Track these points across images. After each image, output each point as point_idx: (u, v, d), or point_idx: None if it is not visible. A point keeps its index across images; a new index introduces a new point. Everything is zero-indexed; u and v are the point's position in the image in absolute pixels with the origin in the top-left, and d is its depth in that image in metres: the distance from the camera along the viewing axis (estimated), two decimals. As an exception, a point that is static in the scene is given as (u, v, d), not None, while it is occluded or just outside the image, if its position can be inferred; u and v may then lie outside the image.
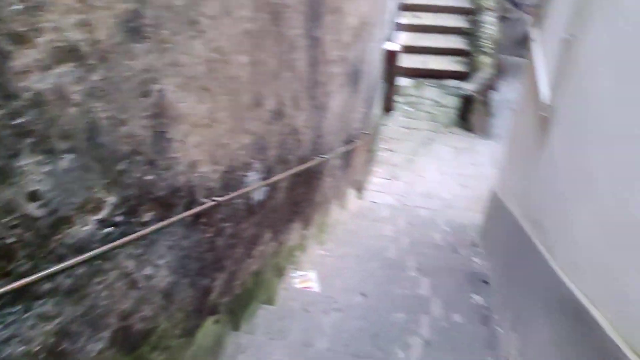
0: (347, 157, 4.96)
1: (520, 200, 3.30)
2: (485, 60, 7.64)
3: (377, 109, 6.91)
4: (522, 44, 12.50)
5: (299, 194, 3.24)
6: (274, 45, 2.22)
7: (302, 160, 3.11)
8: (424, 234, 4.70)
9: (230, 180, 2.02)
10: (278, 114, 2.45)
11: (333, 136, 4.02)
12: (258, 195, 2.40)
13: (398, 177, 6.53)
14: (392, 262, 3.67)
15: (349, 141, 4.86)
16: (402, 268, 3.55)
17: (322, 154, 3.66)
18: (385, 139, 7.24)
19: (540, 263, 2.40)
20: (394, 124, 7.58)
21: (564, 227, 2.20)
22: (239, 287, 2.37)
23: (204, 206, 1.72)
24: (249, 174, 2.22)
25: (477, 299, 3.13)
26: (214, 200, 1.78)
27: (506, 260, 3.31)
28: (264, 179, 2.41)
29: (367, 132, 5.81)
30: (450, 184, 6.42)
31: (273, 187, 2.58)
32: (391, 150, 7.02)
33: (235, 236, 2.21)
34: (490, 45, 7.77)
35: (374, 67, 6.00)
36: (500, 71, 8.88)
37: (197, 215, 1.73)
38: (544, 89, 2.85)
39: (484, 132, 7.57)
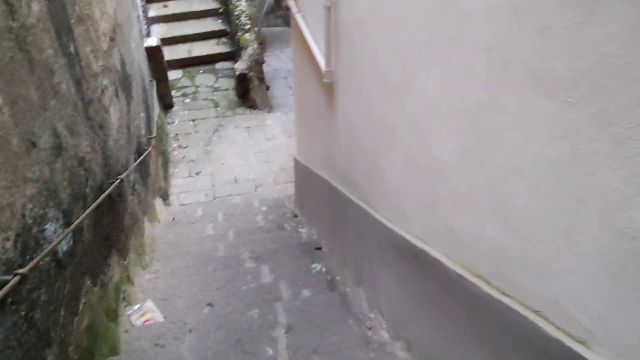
0: (143, 168, 4.64)
1: (327, 163, 3.50)
2: (247, 36, 7.78)
3: (156, 108, 6.57)
4: (272, 14, 13.08)
5: (107, 224, 2.92)
6: (29, 74, 1.90)
7: (99, 188, 2.80)
8: (246, 221, 4.71)
9: (27, 242, 1.71)
10: (58, 149, 2.14)
11: (123, 151, 3.71)
12: (63, 246, 2.09)
13: (200, 171, 6.38)
14: (226, 259, 3.60)
15: (140, 151, 4.55)
16: (238, 263, 3.52)
17: (117, 174, 3.35)
18: (174, 137, 6.96)
19: (365, 218, 2.58)
20: (179, 120, 7.31)
21: (379, 179, 2.39)
22: (75, 352, 2.07)
23: (7, 285, 1.42)
24: (46, 227, 1.91)
25: (317, 267, 3.27)
26: (17, 275, 1.49)
27: (330, 223, 3.51)
28: (65, 224, 2.11)
29: (154, 136, 5.50)
30: (253, 164, 6.52)
31: (77, 229, 2.28)
32: (184, 147, 6.79)
33: (53, 300, 1.90)
34: (247, 21, 7.93)
35: (141, 67, 5.65)
36: (262, 44, 9.18)
37: (3, 299, 1.43)
38: (321, 57, 3.01)
39: (266, 105, 7.79)
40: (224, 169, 6.43)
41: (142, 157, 4.42)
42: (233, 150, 6.77)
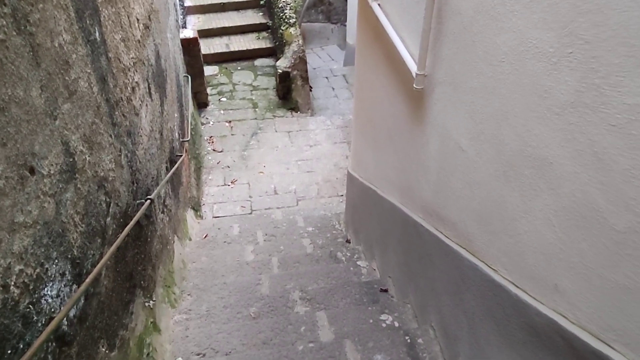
0: (175, 177, 4.10)
1: (401, 187, 2.87)
2: (291, 31, 7.21)
3: (190, 107, 6.05)
4: (314, 9, 12.51)
5: (131, 259, 2.36)
6: (30, 67, 1.34)
7: (124, 214, 2.23)
8: (290, 244, 4.12)
9: (10, 328, 1.14)
10: (70, 172, 1.57)
11: (154, 161, 3.16)
12: (70, 312, 1.52)
13: (236, 179, 5.82)
14: (272, 299, 3.01)
15: (172, 158, 4.00)
16: (286, 305, 2.92)
17: (146, 191, 2.80)
18: (209, 139, 6.43)
19: (469, 272, 1.95)
20: (214, 120, 6.78)
21: (503, 229, 1.76)
22: None
23: None
24: (45, 290, 1.33)
25: (388, 319, 2.65)
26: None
27: (403, 262, 2.88)
28: (75, 279, 1.54)
29: (187, 139, 4.96)
30: (294, 173, 5.93)
31: (93, 281, 1.71)
32: (219, 151, 6.25)
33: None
34: (292, 15, 7.36)
35: (176, 61, 5.12)
36: (304, 40, 8.61)
37: None
38: (408, 57, 2.39)
39: (308, 108, 7.21)
40: (263, 177, 5.86)
41: (176, 166, 3.88)
42: (272, 157, 6.20)
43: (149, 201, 2.54)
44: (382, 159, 3.29)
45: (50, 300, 1.36)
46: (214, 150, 6.26)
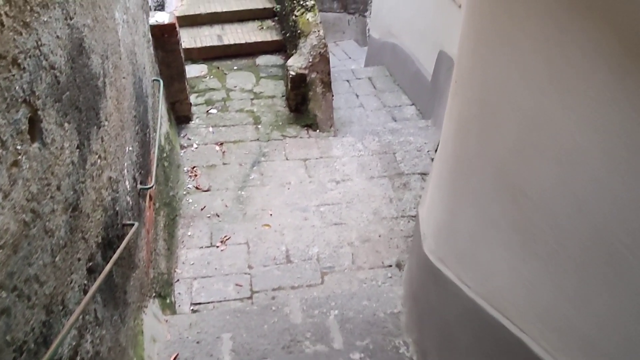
0: (120, 265, 2.38)
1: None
2: (308, 17, 5.46)
3: (164, 124, 4.31)
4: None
5: None
6: None
7: None
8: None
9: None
10: None
11: (49, 277, 1.42)
12: None
13: (228, 236, 4.07)
14: None
15: (111, 239, 2.27)
16: None
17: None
18: (190, 171, 4.66)
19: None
20: (199, 142, 5.02)
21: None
22: None
23: None
24: None
25: None
26: None
27: None
28: None
29: (151, 186, 3.23)
30: (316, 226, 4.18)
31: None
32: (205, 190, 4.48)
33: None
34: (309, -4, 5.61)
35: (137, 59, 3.37)
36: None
37: None
38: None
39: (331, 124, 5.46)
40: (268, 233, 4.11)
41: (115, 257, 2.12)
42: (282, 200, 4.44)
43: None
44: (552, 280, 1.54)
45: None
46: (197, 188, 4.49)
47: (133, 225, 2.57)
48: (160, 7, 5.67)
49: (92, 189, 2.06)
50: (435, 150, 5.07)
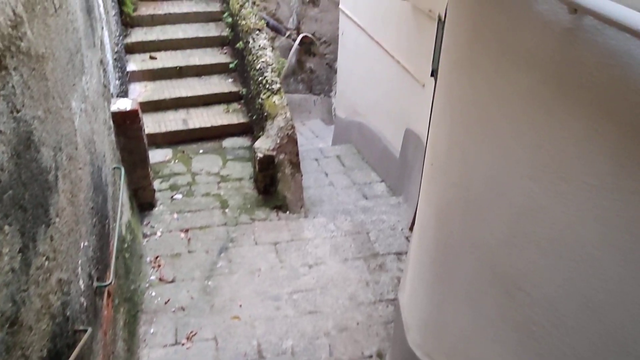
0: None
1: None
2: (274, 100, 5.46)
3: (125, 214, 4.09)
4: (293, 77, 10.99)
5: None
6: None
7: None
8: None
9: None
10: None
11: None
12: None
13: (194, 332, 3.77)
14: None
15: (59, 349, 2.02)
16: None
17: None
18: (153, 261, 4.41)
19: None
20: (163, 229, 4.79)
21: None
22: None
23: None
24: None
25: None
26: None
27: None
28: None
29: (109, 283, 2.99)
30: (290, 316, 3.93)
31: None
32: (169, 281, 4.22)
33: None
34: (275, 78, 5.64)
35: (97, 147, 3.23)
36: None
37: None
38: None
39: (301, 205, 5.33)
40: (238, 327, 3.83)
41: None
42: (252, 288, 4.20)
43: None
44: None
45: None
46: (160, 280, 4.22)
47: (86, 331, 2.32)
48: (124, 93, 5.60)
49: (36, 296, 1.83)
50: (410, 229, 4.97)
